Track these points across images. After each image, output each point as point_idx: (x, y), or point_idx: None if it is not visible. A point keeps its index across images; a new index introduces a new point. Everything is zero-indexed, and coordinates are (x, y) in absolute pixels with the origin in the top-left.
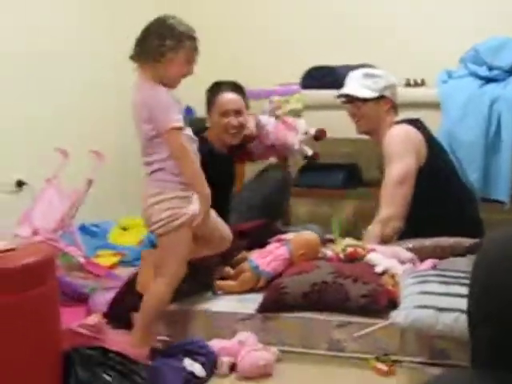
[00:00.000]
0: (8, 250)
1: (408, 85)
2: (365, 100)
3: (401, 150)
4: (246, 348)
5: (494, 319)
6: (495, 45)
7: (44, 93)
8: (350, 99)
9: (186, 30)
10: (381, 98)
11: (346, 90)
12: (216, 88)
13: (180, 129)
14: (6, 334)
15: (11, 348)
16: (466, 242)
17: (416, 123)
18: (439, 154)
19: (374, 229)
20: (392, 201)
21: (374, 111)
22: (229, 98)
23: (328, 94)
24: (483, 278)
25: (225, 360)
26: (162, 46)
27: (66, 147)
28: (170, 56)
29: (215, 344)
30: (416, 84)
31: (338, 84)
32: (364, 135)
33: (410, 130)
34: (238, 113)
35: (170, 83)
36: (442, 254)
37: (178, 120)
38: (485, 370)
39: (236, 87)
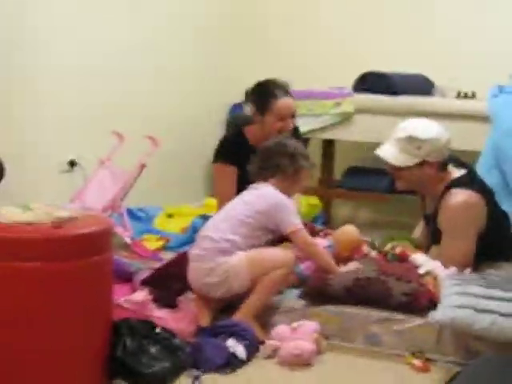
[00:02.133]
0: (70, 219)
1: (459, 96)
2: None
3: (464, 226)
4: (293, 335)
5: None
6: None
7: (100, 73)
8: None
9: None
10: (424, 162)
11: (383, 151)
12: (269, 91)
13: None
14: (64, 299)
15: (67, 312)
16: None
17: (472, 181)
18: (492, 205)
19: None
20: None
21: (414, 175)
22: (287, 103)
23: (380, 99)
24: None
25: (270, 343)
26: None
27: (120, 130)
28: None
29: (277, 328)
30: (466, 96)
31: (391, 90)
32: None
33: (473, 198)
34: (293, 116)
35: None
36: None
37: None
38: None
39: (287, 89)
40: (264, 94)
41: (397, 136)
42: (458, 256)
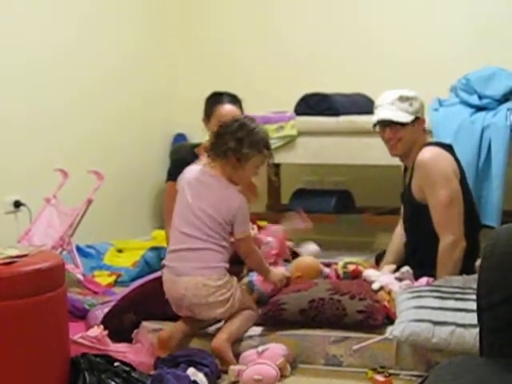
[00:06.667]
0: (21, 256)
1: None
2: (403, 124)
3: (442, 173)
4: (259, 359)
5: (500, 307)
6: (486, 74)
7: (42, 113)
8: (387, 123)
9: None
10: (416, 119)
11: (383, 115)
12: (215, 98)
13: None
14: (18, 337)
15: (23, 351)
16: None
17: (446, 148)
18: (465, 182)
19: (442, 259)
20: (449, 225)
21: (411, 134)
22: (228, 109)
23: (322, 121)
24: (493, 267)
25: (233, 368)
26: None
27: (64, 167)
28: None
29: (244, 354)
30: None
31: (333, 111)
32: (396, 157)
33: (442, 151)
34: None
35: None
36: None
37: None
38: (493, 357)
39: (235, 99)
40: (211, 100)
41: (388, 100)
42: (445, 200)
